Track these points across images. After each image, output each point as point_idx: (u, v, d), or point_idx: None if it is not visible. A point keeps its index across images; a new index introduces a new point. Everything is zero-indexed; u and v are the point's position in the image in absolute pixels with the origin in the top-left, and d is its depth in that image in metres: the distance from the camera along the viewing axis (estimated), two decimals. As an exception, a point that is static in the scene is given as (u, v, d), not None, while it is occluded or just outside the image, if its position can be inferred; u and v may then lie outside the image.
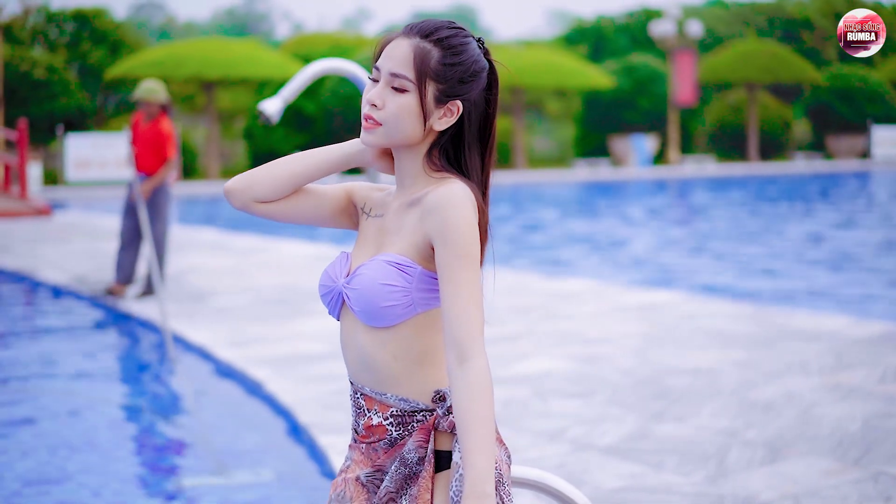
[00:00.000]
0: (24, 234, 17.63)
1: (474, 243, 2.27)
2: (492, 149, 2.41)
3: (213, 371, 8.11)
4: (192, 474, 5.90)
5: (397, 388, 2.36)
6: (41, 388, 7.85)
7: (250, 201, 2.49)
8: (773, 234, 19.07)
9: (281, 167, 2.48)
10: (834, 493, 4.93)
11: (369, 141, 2.36)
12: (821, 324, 9.04)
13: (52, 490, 5.56)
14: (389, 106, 2.32)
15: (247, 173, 2.49)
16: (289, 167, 2.48)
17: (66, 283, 12.00)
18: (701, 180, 36.20)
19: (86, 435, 6.61)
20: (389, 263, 2.32)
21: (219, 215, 24.12)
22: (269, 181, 2.47)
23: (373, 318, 2.33)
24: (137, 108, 10.87)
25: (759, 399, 6.59)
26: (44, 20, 39.76)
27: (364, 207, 2.51)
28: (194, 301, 10.65)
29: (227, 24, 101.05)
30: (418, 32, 2.34)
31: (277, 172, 2.47)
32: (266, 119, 5.50)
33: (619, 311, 9.79)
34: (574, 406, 6.50)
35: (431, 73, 2.31)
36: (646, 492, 5.00)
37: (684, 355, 7.86)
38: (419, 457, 2.34)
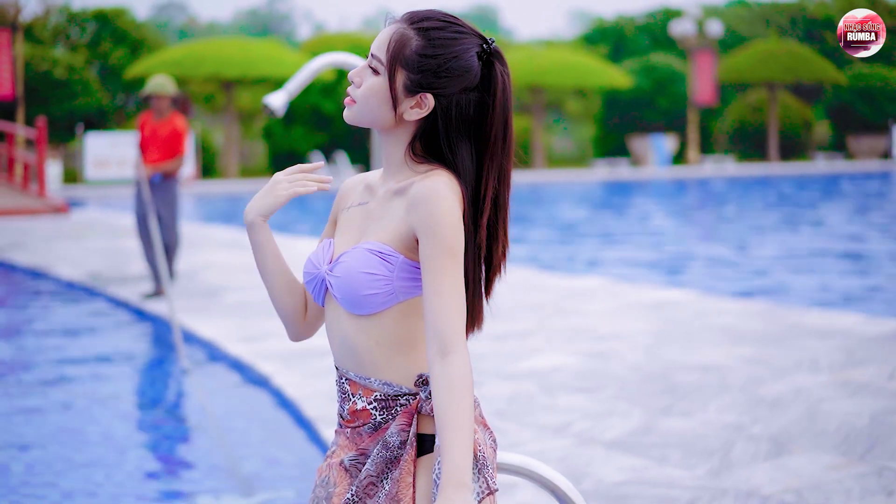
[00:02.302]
0: (41, 231, 17.72)
1: (458, 237, 2.26)
2: (494, 155, 2.34)
3: (223, 365, 8.14)
4: (200, 468, 5.92)
5: (381, 373, 2.36)
6: (52, 382, 7.89)
7: (302, 330, 2.55)
8: (788, 233, 19.00)
9: (272, 295, 2.51)
10: (837, 487, 4.91)
11: (347, 117, 2.38)
12: (832, 321, 9.00)
13: (60, 482, 5.59)
14: (363, 86, 2.34)
15: (281, 319, 2.56)
16: (270, 289, 2.50)
17: (81, 280, 12.05)
18: (720, 180, 36.08)
19: (95, 429, 6.64)
20: (371, 252, 2.31)
21: (237, 214, 24.19)
22: (284, 310, 2.51)
23: (354, 305, 2.33)
24: (147, 105, 10.75)
25: (767, 395, 6.57)
26: (65, 20, 39.98)
27: (345, 206, 2.49)
28: (206, 297, 10.68)
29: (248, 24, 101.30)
30: (409, 18, 2.33)
31: (277, 299, 2.51)
32: (271, 112, 5.53)
33: (631, 309, 9.77)
34: (580, 401, 6.49)
35: (403, 60, 2.30)
36: (648, 485, 4.99)
37: (694, 352, 7.84)
38: (401, 440, 2.34)
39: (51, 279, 12.61)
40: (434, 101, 2.31)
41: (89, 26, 39.77)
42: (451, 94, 2.30)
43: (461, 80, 2.30)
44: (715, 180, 36.21)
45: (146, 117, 10.66)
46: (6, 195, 23.28)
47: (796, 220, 21.64)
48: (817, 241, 17.60)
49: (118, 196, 27.89)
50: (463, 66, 2.30)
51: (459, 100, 2.31)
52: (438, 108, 2.31)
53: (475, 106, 2.32)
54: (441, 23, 2.32)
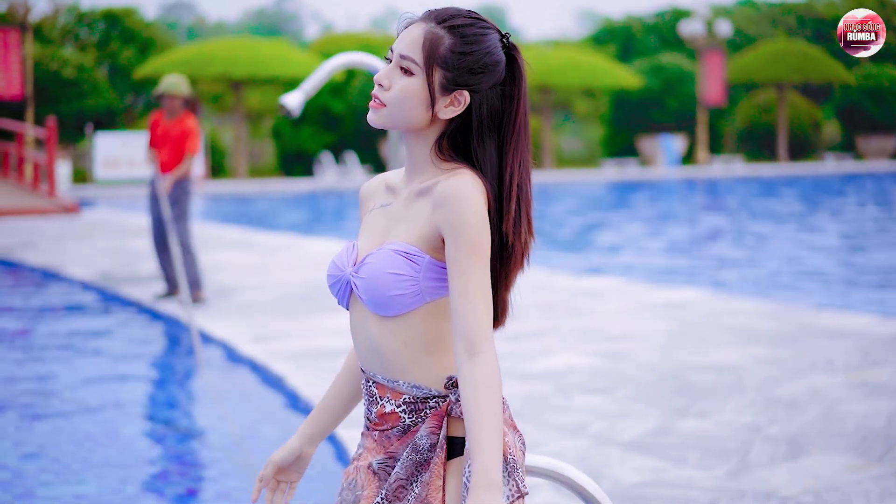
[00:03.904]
0: (51, 231, 17.74)
1: (484, 236, 2.25)
2: (518, 145, 2.35)
3: (236, 366, 8.13)
4: (215, 470, 5.92)
5: (409, 376, 2.34)
6: (66, 383, 7.89)
7: None
8: (800, 233, 18.96)
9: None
10: (856, 489, 4.89)
11: (374, 120, 2.35)
12: (846, 322, 8.98)
13: (76, 484, 5.59)
14: (395, 87, 2.31)
15: None
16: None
17: (93, 280, 12.06)
18: (729, 180, 36.03)
19: (109, 430, 6.64)
20: (397, 252, 2.30)
21: (246, 214, 24.21)
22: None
23: (381, 307, 2.32)
24: (160, 104, 10.58)
25: (784, 396, 6.55)
26: (74, 20, 40.03)
27: (368, 209, 2.49)
28: (218, 297, 10.68)
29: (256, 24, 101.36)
30: (434, 18, 2.33)
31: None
32: (287, 112, 5.51)
33: (644, 309, 9.75)
34: (596, 401, 6.48)
35: (440, 59, 2.29)
36: (666, 486, 4.98)
37: (708, 352, 7.83)
38: (431, 443, 2.33)
39: (62, 279, 12.62)
40: (469, 98, 2.32)
41: (98, 26, 39.81)
42: (484, 89, 2.32)
43: (493, 75, 2.32)
44: (724, 180, 36.16)
45: (158, 116, 10.50)
46: (16, 195, 23.31)
47: (806, 221, 21.60)
48: (827, 241, 17.56)
49: (128, 196, 27.93)
50: (495, 60, 2.33)
51: (490, 94, 2.33)
52: (473, 105, 2.32)
53: (501, 99, 2.35)
54: (468, 19, 2.33)
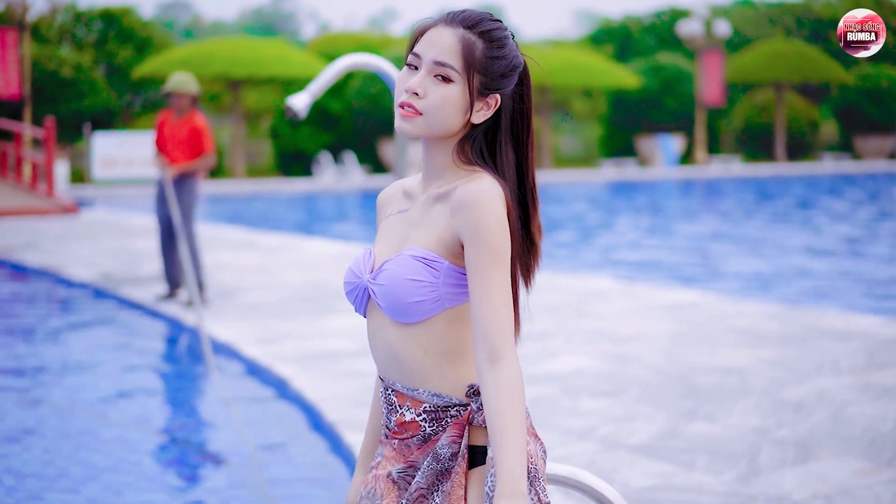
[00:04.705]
0: (51, 231, 17.69)
1: (504, 241, 2.23)
2: (531, 145, 2.38)
3: (240, 367, 8.10)
4: (221, 472, 5.88)
5: (429, 384, 2.32)
6: (69, 385, 7.86)
7: None
8: (800, 233, 18.95)
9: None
10: (867, 494, 4.86)
11: (407, 130, 2.30)
12: (851, 323, 8.95)
13: (80, 487, 5.55)
14: (432, 95, 2.27)
15: None
16: None
17: (93, 280, 12.02)
18: (728, 180, 36.01)
19: (113, 433, 6.61)
20: (416, 258, 2.27)
21: (245, 214, 24.17)
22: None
23: (400, 313, 2.29)
24: (167, 102, 10.46)
25: (791, 398, 6.53)
26: (71, 19, 39.93)
27: (385, 215, 2.48)
28: (221, 298, 10.63)
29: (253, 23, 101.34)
30: (461, 22, 2.30)
31: None
32: (294, 114, 5.48)
33: (649, 310, 9.73)
34: (603, 404, 6.45)
35: (477, 64, 2.28)
36: (676, 491, 4.95)
37: (714, 354, 7.80)
38: (452, 452, 2.30)
39: (63, 280, 12.58)
40: (500, 101, 2.32)
41: (96, 25, 39.73)
42: (510, 91, 2.33)
43: (516, 77, 2.34)
44: (723, 180, 36.14)
45: (166, 115, 10.40)
46: (15, 195, 23.25)
47: (807, 221, 21.58)
48: (828, 241, 17.54)
49: (126, 196, 27.89)
50: (519, 61, 2.35)
51: (513, 96, 2.35)
52: (503, 107, 2.33)
53: (519, 100, 2.37)
54: (493, 22, 2.34)
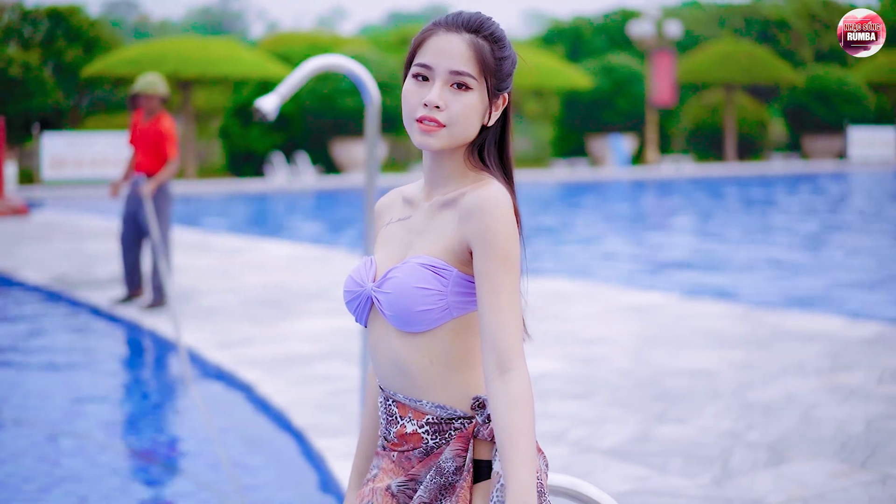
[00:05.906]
0: (1, 233, 17.42)
1: (514, 248, 2.18)
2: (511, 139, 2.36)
3: (202, 372, 7.98)
4: (188, 480, 5.79)
5: (433, 395, 2.25)
6: (25, 390, 7.71)
7: None
8: (755, 233, 19.07)
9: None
10: (843, 496, 4.86)
11: (431, 144, 2.23)
12: (814, 324, 8.99)
13: (42, 496, 5.44)
14: (454, 106, 2.21)
15: None
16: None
17: (47, 283, 11.83)
18: (679, 181, 36.22)
19: (73, 441, 6.48)
20: (423, 266, 2.21)
21: (195, 215, 23.96)
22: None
23: (406, 322, 2.23)
24: (136, 104, 10.22)
25: (759, 400, 6.53)
26: (18, 18, 39.41)
27: (384, 223, 2.43)
28: (180, 301, 10.50)
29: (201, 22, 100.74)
30: (465, 27, 2.24)
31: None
32: (263, 116, 5.40)
33: (612, 312, 9.72)
34: (574, 407, 6.42)
35: (490, 68, 2.23)
36: (653, 495, 4.92)
37: (681, 356, 7.80)
38: (457, 466, 2.24)
39: (16, 283, 12.37)
40: (507, 100, 2.30)
41: (43, 24, 39.24)
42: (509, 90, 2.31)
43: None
44: (674, 181, 36.35)
45: (137, 117, 10.24)
46: (-38, 196, 22.87)
47: (760, 221, 21.73)
48: (782, 241, 17.66)
49: (77, 197, 27.57)
50: (516, 57, 2.32)
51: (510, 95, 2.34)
52: (508, 106, 2.31)
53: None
54: (491, 22, 2.29)
